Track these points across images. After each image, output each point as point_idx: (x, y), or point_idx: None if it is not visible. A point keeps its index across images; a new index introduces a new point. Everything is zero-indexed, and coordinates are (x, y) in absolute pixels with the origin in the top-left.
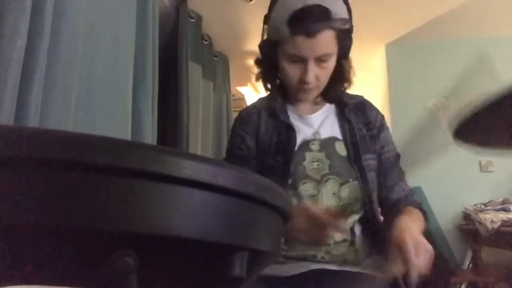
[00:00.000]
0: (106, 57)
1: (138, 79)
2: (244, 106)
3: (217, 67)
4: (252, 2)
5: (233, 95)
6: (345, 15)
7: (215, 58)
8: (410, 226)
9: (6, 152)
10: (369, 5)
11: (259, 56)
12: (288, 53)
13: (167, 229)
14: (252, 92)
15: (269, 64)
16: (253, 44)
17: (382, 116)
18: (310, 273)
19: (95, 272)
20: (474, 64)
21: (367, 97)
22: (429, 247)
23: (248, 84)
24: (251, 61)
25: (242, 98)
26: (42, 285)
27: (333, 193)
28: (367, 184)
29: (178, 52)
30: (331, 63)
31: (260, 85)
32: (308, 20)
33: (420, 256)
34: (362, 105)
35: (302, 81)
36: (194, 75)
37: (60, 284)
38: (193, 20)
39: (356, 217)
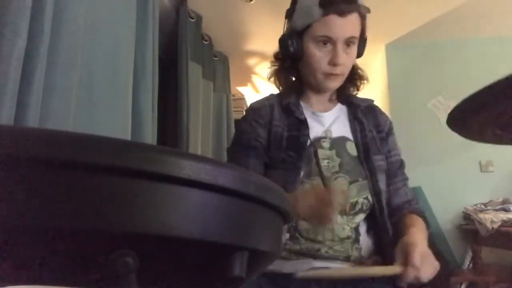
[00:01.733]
0: (106, 57)
1: (138, 79)
2: (244, 106)
3: (217, 67)
4: (252, 2)
5: (233, 95)
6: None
7: (215, 58)
8: (419, 241)
9: (5, 152)
10: (369, 5)
11: (277, 51)
12: (318, 36)
13: (167, 229)
14: (252, 92)
15: (291, 57)
16: (253, 44)
17: (391, 122)
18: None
19: (95, 272)
20: (474, 64)
21: (368, 97)
22: (436, 262)
23: (248, 84)
24: (251, 61)
25: (242, 98)
26: (42, 285)
27: (342, 191)
28: (376, 184)
29: (178, 52)
30: (354, 50)
31: (261, 85)
32: (339, 1)
33: (424, 266)
34: (373, 109)
35: (333, 63)
36: (194, 75)
37: (60, 284)
38: (193, 20)
39: (363, 216)
